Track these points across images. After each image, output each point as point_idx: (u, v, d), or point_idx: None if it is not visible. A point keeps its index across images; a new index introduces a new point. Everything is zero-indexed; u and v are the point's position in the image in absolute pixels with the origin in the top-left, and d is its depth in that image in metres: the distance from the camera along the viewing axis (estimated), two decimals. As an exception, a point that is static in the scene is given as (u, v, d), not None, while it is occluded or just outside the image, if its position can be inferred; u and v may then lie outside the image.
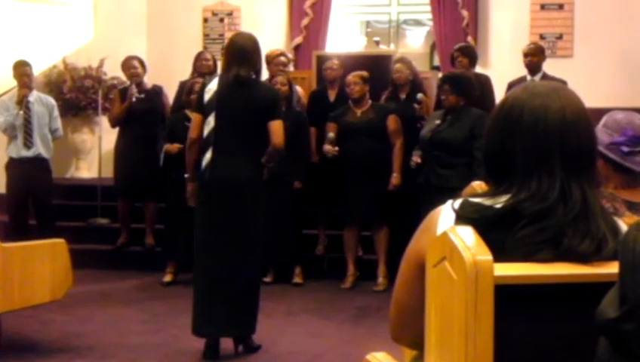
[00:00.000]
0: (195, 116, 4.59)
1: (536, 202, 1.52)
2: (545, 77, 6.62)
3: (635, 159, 2.45)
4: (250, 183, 4.37)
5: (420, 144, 5.71)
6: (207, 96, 4.34)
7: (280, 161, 6.20)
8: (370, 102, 6.36)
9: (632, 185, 2.48)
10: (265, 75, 6.65)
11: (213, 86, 4.36)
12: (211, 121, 4.32)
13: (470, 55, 6.81)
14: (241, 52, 4.38)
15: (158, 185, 6.91)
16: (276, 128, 4.41)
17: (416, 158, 5.70)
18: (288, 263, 6.52)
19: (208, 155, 4.32)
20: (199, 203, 4.45)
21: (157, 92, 7.06)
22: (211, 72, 6.72)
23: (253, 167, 4.40)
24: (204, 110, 4.39)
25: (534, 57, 6.80)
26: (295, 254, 6.51)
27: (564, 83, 5.99)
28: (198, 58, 7.13)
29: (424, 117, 6.17)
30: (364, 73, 6.32)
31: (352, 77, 6.30)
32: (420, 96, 6.29)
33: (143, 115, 6.85)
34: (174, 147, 6.21)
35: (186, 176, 4.62)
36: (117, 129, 7.09)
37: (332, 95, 6.78)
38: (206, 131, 4.33)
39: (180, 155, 6.05)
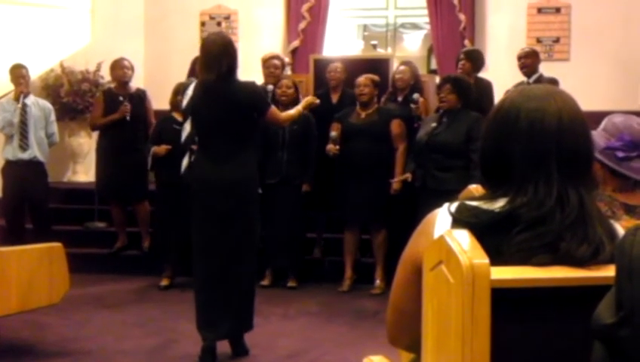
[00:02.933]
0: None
1: (533, 209, 1.51)
2: (540, 78, 6.62)
3: (630, 165, 2.43)
4: (241, 185, 4.33)
5: (416, 147, 5.72)
6: (184, 101, 4.34)
7: (289, 165, 6.26)
8: (376, 106, 6.38)
9: (630, 189, 2.47)
10: (260, 78, 6.68)
11: (189, 91, 4.34)
12: (187, 126, 4.32)
13: (473, 59, 6.72)
14: (205, 57, 4.31)
15: (144, 189, 6.91)
16: (272, 116, 4.44)
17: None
18: (287, 267, 6.51)
19: (185, 161, 4.33)
20: (194, 208, 4.43)
21: (140, 96, 7.05)
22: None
23: (245, 169, 4.35)
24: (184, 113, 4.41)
25: (527, 59, 6.78)
26: (294, 258, 6.49)
27: (555, 81, 6.02)
28: (196, 62, 7.11)
29: (420, 116, 6.19)
30: (375, 77, 6.35)
31: (363, 79, 6.31)
32: (416, 95, 6.29)
33: (125, 119, 6.82)
34: (162, 148, 6.19)
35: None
36: (102, 132, 7.06)
37: (334, 98, 6.78)
38: (183, 136, 4.35)
39: (168, 157, 6.06)
